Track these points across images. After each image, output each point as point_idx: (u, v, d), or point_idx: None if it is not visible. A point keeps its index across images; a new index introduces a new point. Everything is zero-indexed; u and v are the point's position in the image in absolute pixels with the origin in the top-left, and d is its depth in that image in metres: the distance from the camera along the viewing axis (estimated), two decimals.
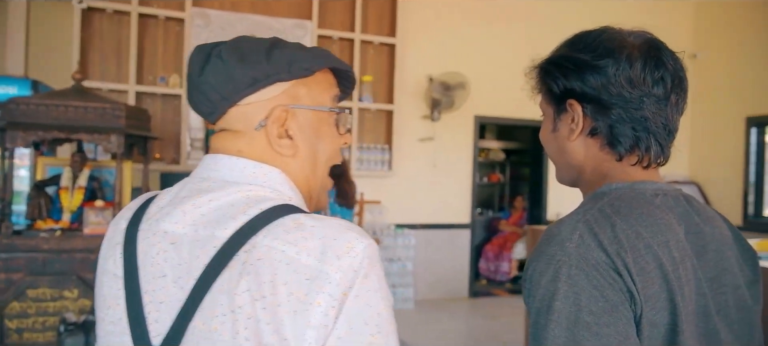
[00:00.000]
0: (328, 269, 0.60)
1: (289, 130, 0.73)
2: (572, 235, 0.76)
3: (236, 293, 0.60)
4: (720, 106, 6.52)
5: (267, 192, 0.69)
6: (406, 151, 5.68)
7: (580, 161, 0.89)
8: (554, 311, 0.72)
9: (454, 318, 5.34)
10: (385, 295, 0.63)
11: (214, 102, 0.71)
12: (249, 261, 0.61)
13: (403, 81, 5.60)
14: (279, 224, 0.63)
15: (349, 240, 0.62)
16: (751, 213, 6.14)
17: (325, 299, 0.59)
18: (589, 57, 0.84)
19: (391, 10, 5.57)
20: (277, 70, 0.71)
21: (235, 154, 0.72)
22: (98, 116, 3.18)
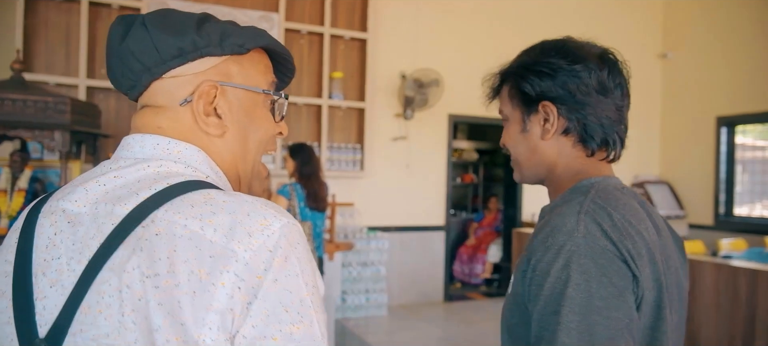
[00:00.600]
0: (236, 247, 0.55)
1: (217, 108, 0.68)
2: (578, 225, 0.82)
3: (125, 271, 0.54)
4: (690, 106, 6.55)
5: (180, 168, 0.64)
6: (378, 151, 5.48)
7: (551, 159, 0.97)
8: (567, 297, 0.77)
9: (429, 324, 5.15)
10: (308, 280, 0.58)
11: (136, 73, 0.66)
12: (144, 236, 0.56)
13: (375, 78, 5.40)
14: (186, 199, 0.58)
15: (265, 217, 0.58)
16: (722, 213, 6.17)
17: (231, 280, 0.54)
18: (565, 62, 0.93)
19: (362, 3, 5.37)
20: (208, 43, 0.66)
21: (153, 132, 0.67)
22: (39, 111, 2.86)
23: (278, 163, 4.94)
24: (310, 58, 5.26)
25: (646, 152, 6.84)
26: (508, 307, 0.95)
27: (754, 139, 6.26)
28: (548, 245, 0.83)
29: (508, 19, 5.91)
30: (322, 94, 5.16)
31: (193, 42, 0.66)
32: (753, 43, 5.85)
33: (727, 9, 6.15)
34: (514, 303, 0.92)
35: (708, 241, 5.54)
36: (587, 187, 0.93)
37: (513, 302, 0.93)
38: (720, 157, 6.18)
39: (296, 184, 3.53)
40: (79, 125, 2.97)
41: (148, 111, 0.68)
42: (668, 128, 6.85)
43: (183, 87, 0.67)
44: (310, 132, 5.27)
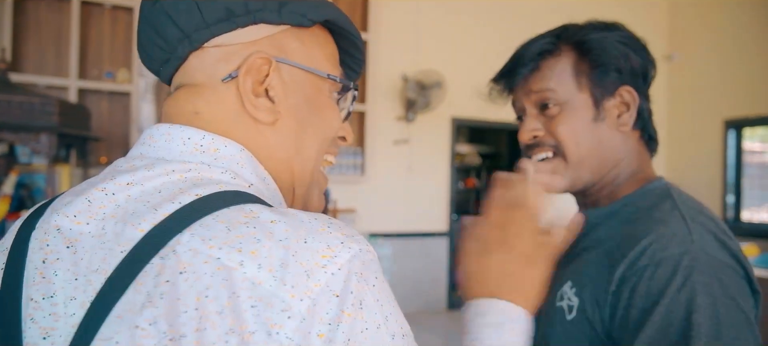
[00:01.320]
0: (287, 295, 0.39)
1: (270, 89, 0.53)
2: (691, 234, 0.70)
3: (138, 326, 0.38)
4: (697, 109, 6.44)
5: (215, 173, 0.48)
6: (380, 155, 5.34)
7: (617, 156, 0.82)
8: (694, 325, 0.66)
9: (433, 333, 5.01)
10: (394, 328, 0.43)
11: (170, 42, 0.52)
12: (163, 274, 0.40)
13: (377, 80, 5.27)
14: (220, 218, 0.42)
15: (329, 245, 0.42)
16: (730, 217, 6.05)
17: (284, 342, 0.38)
18: (641, 44, 0.82)
19: (363, 4, 5.23)
20: (263, 5, 0.52)
21: (188, 120, 0.52)
22: (25, 113, 2.72)
23: None
24: None
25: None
26: (567, 335, 0.77)
27: (762, 143, 6.15)
28: (657, 259, 0.68)
29: (512, 21, 5.79)
30: None
31: (244, 3, 0.51)
32: (761, 44, 5.74)
33: (733, 10, 6.05)
34: (579, 332, 0.75)
35: None
36: (664, 188, 0.80)
37: (576, 330, 0.75)
38: (727, 160, 6.07)
39: None
40: (67, 128, 2.84)
41: (183, 92, 0.54)
42: (674, 131, 6.74)
43: (228, 59, 0.52)
44: None
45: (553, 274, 0.90)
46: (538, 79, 0.81)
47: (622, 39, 0.81)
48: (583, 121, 0.80)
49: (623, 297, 0.70)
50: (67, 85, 4.13)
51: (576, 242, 0.87)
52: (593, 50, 0.79)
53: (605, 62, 0.79)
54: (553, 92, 0.80)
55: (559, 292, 0.82)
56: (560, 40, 0.82)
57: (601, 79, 0.79)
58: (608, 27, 0.82)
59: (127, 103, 4.42)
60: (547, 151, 0.82)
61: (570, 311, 0.78)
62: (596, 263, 0.77)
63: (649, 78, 0.83)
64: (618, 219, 0.81)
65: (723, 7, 6.17)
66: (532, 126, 0.82)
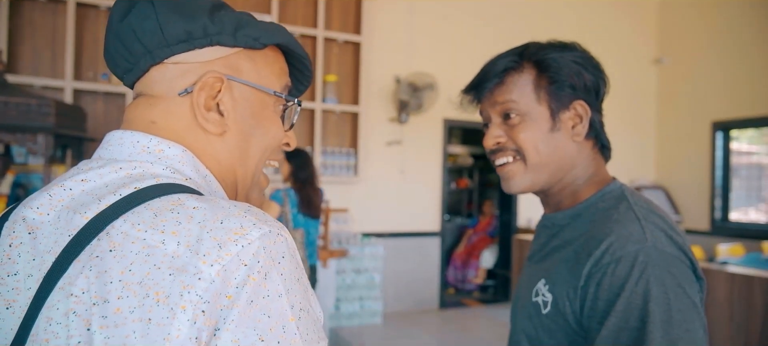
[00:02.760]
0: (201, 263, 0.46)
1: (221, 104, 0.60)
2: (645, 233, 0.78)
3: (72, 294, 0.47)
4: (685, 111, 6.53)
5: (157, 169, 0.56)
6: (372, 156, 5.39)
7: (572, 162, 0.90)
8: (649, 312, 0.75)
9: (425, 332, 5.06)
10: (295, 302, 0.49)
11: (135, 55, 0.59)
12: (97, 252, 0.48)
13: (370, 81, 5.32)
14: (150, 206, 0.50)
15: (243, 225, 0.49)
16: (718, 218, 6.13)
17: (193, 302, 0.45)
18: (593, 63, 0.89)
19: (357, 5, 5.28)
20: (220, 30, 0.59)
21: (145, 128, 0.58)
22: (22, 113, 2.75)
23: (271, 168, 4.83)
24: None
25: (642, 157, 6.81)
26: (543, 328, 0.86)
27: (750, 144, 6.24)
28: (618, 256, 0.77)
29: (503, 24, 5.86)
30: (315, 98, 5.07)
31: (203, 27, 0.58)
32: (748, 47, 5.83)
33: (722, 14, 6.13)
34: (554, 324, 0.84)
35: (704, 246, 5.50)
36: (618, 190, 0.89)
37: (551, 323, 0.84)
38: (715, 162, 6.16)
39: (290, 190, 3.44)
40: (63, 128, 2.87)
41: (142, 102, 0.60)
42: (663, 133, 6.82)
43: (185, 76, 0.59)
44: (304, 136, 5.17)
45: (528, 272, 0.97)
46: (502, 91, 0.90)
47: (576, 58, 0.88)
48: (542, 131, 0.88)
49: (590, 291, 0.79)
50: (62, 86, 4.16)
51: (547, 242, 0.95)
52: (551, 67, 0.87)
53: (561, 79, 0.87)
54: (515, 103, 0.89)
55: (534, 289, 0.90)
56: (523, 58, 0.90)
57: (557, 93, 0.88)
58: (566, 47, 0.90)
59: (122, 104, 4.46)
60: (508, 155, 0.91)
61: (545, 306, 0.86)
62: (566, 262, 0.85)
63: (601, 94, 0.91)
64: (582, 220, 0.89)
65: (711, 12, 6.26)
66: (496, 133, 0.91)
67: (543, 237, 0.98)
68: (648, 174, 6.86)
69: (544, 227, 0.98)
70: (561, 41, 0.91)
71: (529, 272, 0.97)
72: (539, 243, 0.98)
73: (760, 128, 5.94)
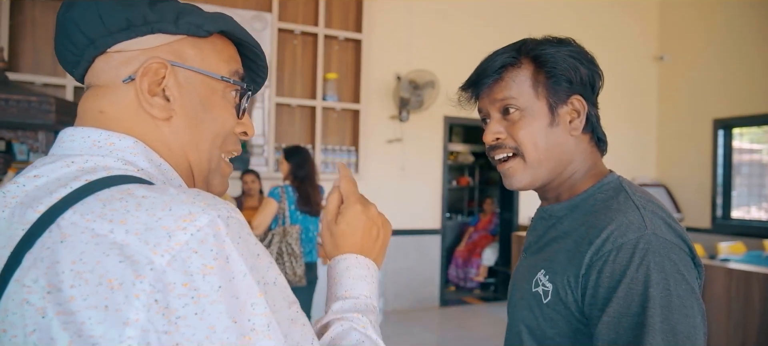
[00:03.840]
0: (149, 251, 0.46)
1: (166, 90, 0.61)
2: (644, 221, 0.80)
3: (25, 285, 0.48)
4: (687, 109, 6.52)
5: (110, 162, 0.56)
6: (373, 154, 5.39)
7: (570, 156, 0.91)
8: (650, 298, 0.76)
9: (425, 329, 5.07)
10: (260, 277, 0.50)
11: (78, 46, 0.60)
12: (48, 244, 0.49)
13: (370, 79, 5.32)
14: (99, 197, 0.51)
15: (191, 211, 0.49)
16: (719, 216, 6.13)
17: (146, 292, 0.45)
18: (589, 58, 0.90)
19: (357, 3, 5.28)
20: (161, 17, 0.60)
21: (94, 119, 0.60)
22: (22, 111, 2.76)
23: (272, 166, 4.85)
24: (303, 58, 5.18)
25: (643, 155, 6.80)
26: (545, 317, 0.87)
27: (752, 142, 6.23)
28: (619, 244, 0.78)
29: (503, 22, 5.85)
30: (316, 96, 5.07)
31: (143, 15, 0.59)
32: (750, 45, 5.82)
33: (723, 11, 6.12)
34: (556, 313, 0.85)
35: (706, 244, 5.49)
36: (616, 182, 0.91)
37: (553, 312, 0.85)
38: (717, 159, 6.15)
39: (287, 186, 3.44)
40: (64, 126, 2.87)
41: (91, 93, 0.62)
42: (665, 131, 6.81)
43: (128, 63, 0.60)
44: (304, 134, 5.18)
45: (525, 264, 0.97)
46: (501, 88, 0.90)
47: (572, 53, 0.89)
48: (541, 126, 0.89)
49: (591, 279, 0.80)
50: (64, 84, 4.17)
51: (544, 233, 0.96)
52: (549, 63, 0.88)
53: (559, 74, 0.88)
54: (514, 99, 0.89)
55: (534, 279, 0.91)
56: (520, 54, 0.91)
57: (555, 88, 0.89)
58: (561, 42, 0.91)
59: None
60: (507, 151, 0.92)
61: (545, 296, 0.87)
62: (565, 252, 0.86)
63: (597, 88, 0.92)
64: (580, 211, 0.90)
65: (713, 9, 6.24)
66: (496, 129, 0.92)
67: (540, 229, 0.98)
68: (649, 172, 6.86)
69: (541, 219, 0.99)
70: (556, 37, 0.92)
71: (527, 263, 0.98)
72: (536, 235, 0.99)
73: (763, 126, 5.93)
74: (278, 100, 4.92)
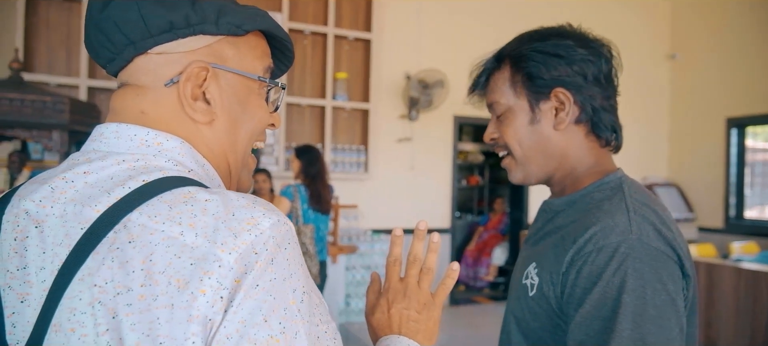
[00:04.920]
0: (220, 251, 0.49)
1: (207, 93, 0.61)
2: (631, 225, 0.78)
3: (96, 285, 0.48)
4: (699, 108, 6.45)
5: (160, 162, 0.57)
6: (382, 153, 5.40)
7: (562, 151, 0.90)
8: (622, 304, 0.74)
9: None
10: (297, 285, 0.52)
11: (117, 46, 0.59)
12: (116, 244, 0.49)
13: (380, 78, 5.33)
14: (164, 199, 0.52)
15: (253, 215, 0.52)
16: (732, 215, 6.06)
17: (213, 287, 0.47)
18: (579, 46, 0.88)
19: (367, 3, 5.30)
20: (203, 19, 0.59)
21: (135, 118, 0.59)
22: (37, 111, 2.80)
23: (282, 164, 4.87)
24: (313, 58, 5.20)
25: (654, 154, 6.74)
26: (529, 310, 0.88)
27: (765, 141, 6.16)
28: (600, 246, 0.78)
29: (514, 20, 5.82)
30: (325, 95, 5.09)
31: (186, 16, 0.58)
32: (763, 43, 5.75)
33: (735, 9, 6.05)
34: (538, 307, 0.85)
35: (718, 244, 5.44)
36: (617, 181, 0.89)
37: (536, 306, 0.86)
38: (730, 159, 6.08)
39: (300, 185, 3.47)
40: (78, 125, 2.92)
41: (129, 91, 0.61)
42: (677, 130, 6.75)
43: (170, 66, 0.59)
44: (314, 133, 5.20)
45: (523, 255, 0.99)
46: (489, 91, 0.95)
47: (551, 47, 0.88)
48: (522, 123, 0.91)
49: (570, 277, 0.80)
50: (77, 84, 4.22)
51: (542, 226, 0.97)
52: (522, 60, 0.89)
53: (534, 70, 0.88)
54: (498, 103, 0.93)
55: (526, 271, 0.92)
56: (502, 56, 0.93)
57: (532, 85, 0.89)
58: (542, 36, 0.91)
59: None
60: (502, 150, 0.95)
61: (532, 288, 0.88)
62: (554, 247, 0.87)
63: (590, 76, 0.88)
64: (575, 208, 0.90)
65: (725, 7, 6.18)
66: (490, 130, 0.96)
67: (540, 222, 0.99)
68: (661, 171, 6.80)
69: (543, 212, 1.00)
70: (543, 30, 0.92)
71: (524, 254, 0.99)
72: (536, 227, 1.00)
73: None
74: (288, 99, 4.95)
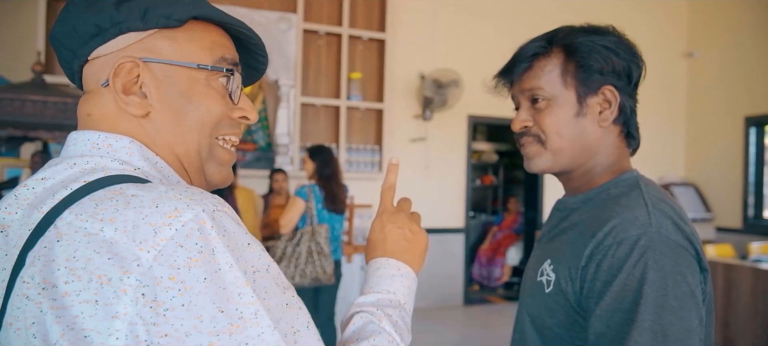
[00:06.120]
0: (136, 248, 0.49)
1: (143, 86, 0.62)
2: (650, 219, 0.79)
3: (25, 281, 0.52)
4: (717, 106, 6.38)
5: (107, 163, 0.59)
6: (397, 152, 5.41)
7: (596, 147, 0.91)
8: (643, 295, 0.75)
9: (448, 328, 5.08)
10: (248, 267, 0.51)
11: (66, 60, 0.64)
12: (46, 243, 0.52)
13: (394, 78, 5.35)
14: (93, 197, 0.54)
15: (176, 207, 0.51)
16: (750, 215, 5.98)
17: (133, 287, 0.48)
18: (630, 48, 0.89)
19: (381, 3, 5.32)
20: (127, 17, 0.61)
21: (83, 122, 0.64)
22: (59, 112, 2.86)
23: (297, 165, 4.91)
24: (328, 58, 5.23)
25: (671, 153, 6.68)
26: (546, 307, 0.88)
27: None
28: (620, 239, 0.78)
29: (529, 19, 5.81)
30: (340, 95, 5.12)
31: (110, 17, 0.60)
32: None
33: (754, 6, 5.97)
34: (555, 303, 0.86)
35: (736, 244, 5.37)
36: (634, 179, 0.90)
37: (553, 302, 0.86)
38: (748, 158, 6.00)
39: (314, 186, 3.49)
40: None
41: (82, 99, 0.65)
42: (694, 128, 6.68)
43: (105, 67, 0.62)
44: (329, 133, 5.23)
45: (536, 253, 0.99)
46: (530, 77, 0.91)
47: (607, 42, 0.88)
48: (567, 115, 0.89)
49: (590, 271, 0.80)
50: None
51: (557, 223, 0.97)
52: (579, 52, 0.88)
53: (589, 63, 0.87)
54: (542, 90, 0.90)
55: (540, 268, 0.92)
56: (552, 43, 0.91)
57: (585, 78, 0.88)
58: (597, 31, 0.90)
59: None
60: (532, 139, 0.93)
61: (548, 285, 0.88)
62: (571, 243, 0.87)
63: (634, 78, 0.90)
64: (592, 205, 0.91)
65: (743, 4, 6.09)
66: (523, 117, 0.93)
67: (554, 219, 0.99)
68: (678, 171, 6.73)
69: (557, 210, 1.00)
70: (593, 25, 0.91)
71: (538, 253, 0.99)
72: (550, 225, 1.00)
73: None
74: (303, 99, 4.99)
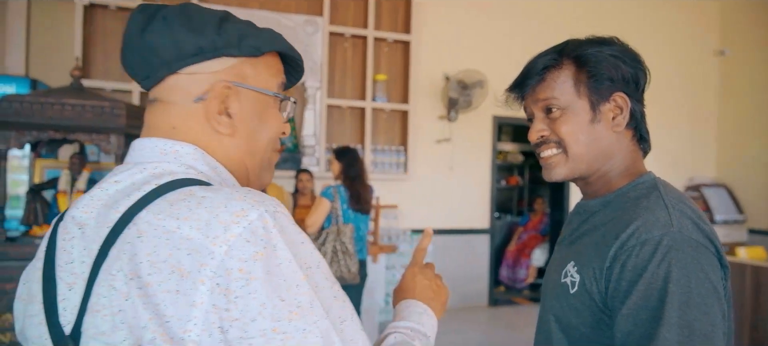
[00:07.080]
0: (209, 243, 0.55)
1: (229, 109, 0.70)
2: (671, 219, 0.82)
3: (111, 273, 0.58)
4: (749, 105, 6.23)
5: (173, 167, 0.66)
6: (422, 153, 5.45)
7: (611, 152, 0.94)
8: (669, 293, 0.78)
9: (473, 329, 5.08)
10: (303, 262, 0.58)
11: (152, 66, 0.68)
12: (127, 239, 0.59)
13: (419, 80, 5.38)
14: (167, 198, 0.61)
15: (243, 207, 0.58)
16: None
17: (209, 277, 0.54)
18: (635, 56, 0.94)
19: (406, 5, 5.36)
20: (227, 43, 0.69)
21: (166, 133, 0.69)
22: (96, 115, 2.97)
23: (323, 165, 4.98)
24: (353, 60, 5.29)
25: (702, 153, 6.54)
26: (571, 307, 0.91)
27: None
28: (643, 240, 0.81)
29: (554, 19, 5.77)
30: (365, 97, 5.18)
31: (212, 41, 0.68)
32: None
33: None
34: (581, 303, 0.89)
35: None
36: (651, 181, 0.93)
37: (578, 303, 0.89)
38: None
39: (340, 186, 3.55)
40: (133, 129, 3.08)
41: (160, 107, 0.70)
42: (725, 128, 6.53)
43: (198, 84, 0.69)
44: (354, 134, 5.29)
45: (558, 256, 1.02)
46: (543, 88, 0.96)
47: (614, 52, 0.93)
48: (582, 122, 0.94)
49: (615, 272, 0.83)
50: (130, 89, 4.44)
51: (578, 226, 1.00)
52: (589, 62, 0.92)
53: (600, 72, 0.92)
54: (556, 99, 0.94)
55: (564, 270, 0.96)
56: (562, 55, 0.95)
57: (596, 87, 0.92)
58: (603, 42, 0.95)
59: None
60: (551, 147, 0.97)
61: (573, 286, 0.91)
62: (594, 245, 0.90)
63: (641, 85, 0.95)
64: (612, 207, 0.94)
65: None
66: (539, 127, 0.97)
67: (575, 222, 1.02)
68: (709, 171, 6.59)
69: (577, 214, 1.03)
70: (599, 37, 0.96)
71: (560, 255, 1.02)
72: (571, 228, 1.03)
73: None
74: (329, 101, 5.06)
